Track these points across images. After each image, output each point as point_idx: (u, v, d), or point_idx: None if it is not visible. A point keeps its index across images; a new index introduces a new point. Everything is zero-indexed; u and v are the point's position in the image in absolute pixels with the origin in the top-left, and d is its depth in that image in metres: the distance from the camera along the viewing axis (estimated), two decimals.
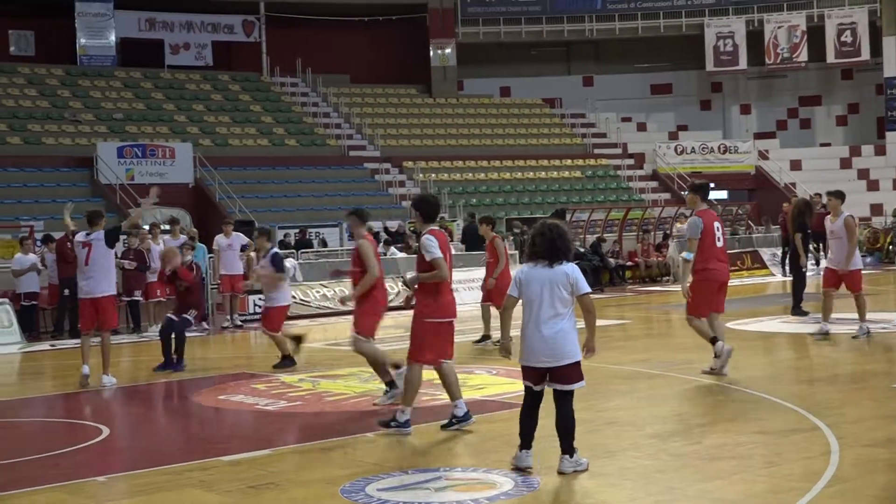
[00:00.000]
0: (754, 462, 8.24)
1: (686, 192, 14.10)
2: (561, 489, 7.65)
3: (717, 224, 12.63)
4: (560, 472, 7.99)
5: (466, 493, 7.59)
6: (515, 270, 8.54)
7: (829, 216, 15.70)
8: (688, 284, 12.61)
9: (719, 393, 11.51)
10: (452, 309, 10.03)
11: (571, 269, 8.08)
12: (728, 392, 11.52)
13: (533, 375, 8.18)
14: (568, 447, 8.06)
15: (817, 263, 30.74)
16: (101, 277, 13.87)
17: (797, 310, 18.76)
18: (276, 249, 16.00)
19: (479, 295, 25.00)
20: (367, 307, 11.69)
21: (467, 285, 26.09)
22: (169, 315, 15.88)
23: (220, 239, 22.02)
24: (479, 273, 24.93)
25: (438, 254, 9.68)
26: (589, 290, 8.20)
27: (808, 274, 19.29)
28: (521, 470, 8.11)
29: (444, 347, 9.98)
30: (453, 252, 11.07)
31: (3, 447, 10.33)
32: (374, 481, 7.99)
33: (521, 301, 8.23)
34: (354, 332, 11.62)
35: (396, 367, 11.32)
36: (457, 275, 26.67)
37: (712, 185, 41.62)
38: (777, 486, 7.47)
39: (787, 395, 11.02)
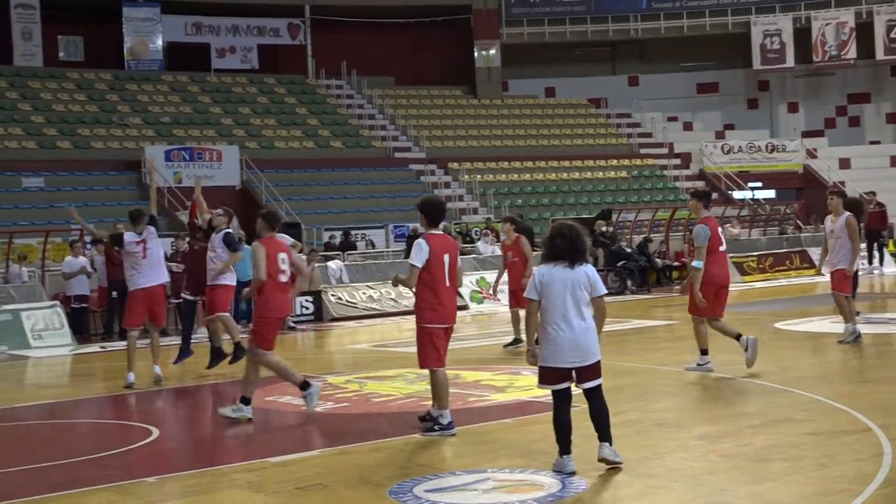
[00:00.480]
0: (805, 464, 8.16)
1: (689, 199, 14.50)
2: (608, 491, 7.62)
3: (720, 230, 13.17)
4: (601, 459, 8.11)
5: (514, 494, 7.57)
6: (534, 272, 8.40)
7: (830, 215, 15.38)
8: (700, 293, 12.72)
9: (768, 394, 11.42)
10: (447, 315, 9.99)
11: (591, 270, 8.24)
12: (777, 393, 11.43)
13: (556, 376, 8.24)
14: (606, 435, 8.21)
15: (870, 262, 30.50)
16: (159, 269, 14.13)
17: None
18: (229, 230, 14.58)
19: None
20: (259, 318, 11.17)
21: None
22: (185, 296, 15.60)
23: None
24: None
25: (416, 263, 9.72)
26: (605, 291, 8.46)
27: (860, 273, 18.99)
28: (564, 474, 8.09)
29: (438, 354, 9.98)
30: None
31: (56, 448, 10.45)
32: (422, 482, 7.98)
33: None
34: (251, 346, 11.24)
35: (303, 386, 11.12)
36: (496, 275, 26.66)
37: (759, 183, 41.63)
38: (828, 488, 7.40)
39: (837, 395, 10.91)
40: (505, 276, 17.04)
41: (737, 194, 40.02)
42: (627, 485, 7.77)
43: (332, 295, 24.12)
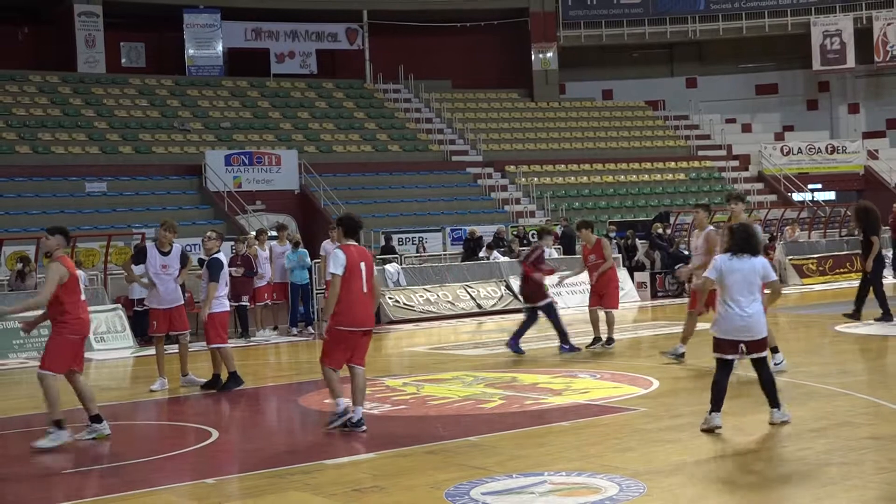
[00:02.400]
0: (866, 468, 8.07)
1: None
2: (667, 494, 7.55)
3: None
4: (771, 423, 9.66)
5: (570, 497, 7.53)
6: (716, 258, 9.91)
7: (695, 230, 14.79)
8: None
9: (828, 397, 11.29)
10: (360, 320, 10.54)
11: (764, 261, 9.83)
12: (838, 397, 11.29)
13: (727, 347, 9.71)
14: (774, 401, 9.79)
15: None
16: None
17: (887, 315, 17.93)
18: (216, 255, 14.06)
19: (582, 298, 24.92)
20: (56, 338, 10.65)
21: (570, 289, 25.98)
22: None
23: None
24: (581, 277, 24.78)
25: (336, 272, 10.31)
26: (776, 277, 10.12)
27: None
28: (711, 430, 9.55)
29: (339, 356, 10.57)
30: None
31: (118, 449, 10.55)
32: (479, 485, 7.97)
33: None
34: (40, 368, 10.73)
35: (57, 425, 10.46)
36: (557, 278, 26.62)
37: (819, 185, 41.15)
38: (889, 493, 7.30)
39: None
40: (583, 276, 17.88)
41: (796, 196, 39.65)
42: (685, 488, 7.71)
43: (390, 298, 24.17)
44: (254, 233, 24.16)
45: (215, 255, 13.92)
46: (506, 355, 16.46)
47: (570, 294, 26.03)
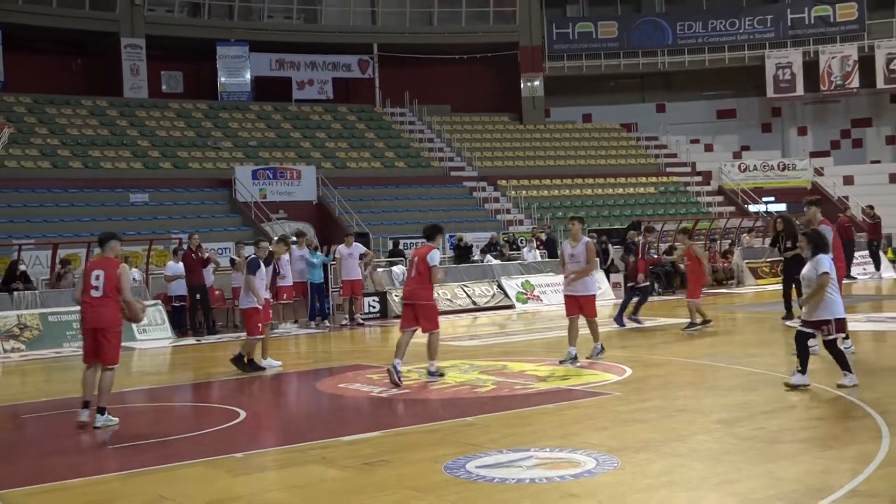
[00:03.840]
0: (812, 445, 8.09)
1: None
2: (637, 468, 7.57)
3: None
4: (839, 386, 10.43)
5: (554, 470, 7.55)
6: (824, 258, 10.59)
7: (570, 241, 13.86)
8: None
9: (779, 384, 11.30)
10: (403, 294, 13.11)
11: (824, 259, 10.56)
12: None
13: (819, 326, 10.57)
14: (845, 365, 10.64)
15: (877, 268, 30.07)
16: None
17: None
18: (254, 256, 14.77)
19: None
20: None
21: (554, 288, 25.98)
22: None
23: (342, 249, 22.27)
24: (558, 279, 24.58)
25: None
26: (826, 270, 10.52)
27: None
28: (795, 387, 10.51)
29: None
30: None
31: (157, 427, 10.58)
32: (474, 459, 7.99)
33: None
34: None
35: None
36: (542, 279, 26.71)
37: (772, 198, 41.03)
38: (832, 468, 7.32)
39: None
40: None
41: (752, 208, 39.63)
42: (654, 463, 7.73)
43: (396, 295, 24.18)
44: (278, 238, 24.16)
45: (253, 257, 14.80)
46: (498, 346, 16.48)
47: (554, 293, 26.05)
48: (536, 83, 44.82)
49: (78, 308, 11.11)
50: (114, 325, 10.49)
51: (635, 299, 19.02)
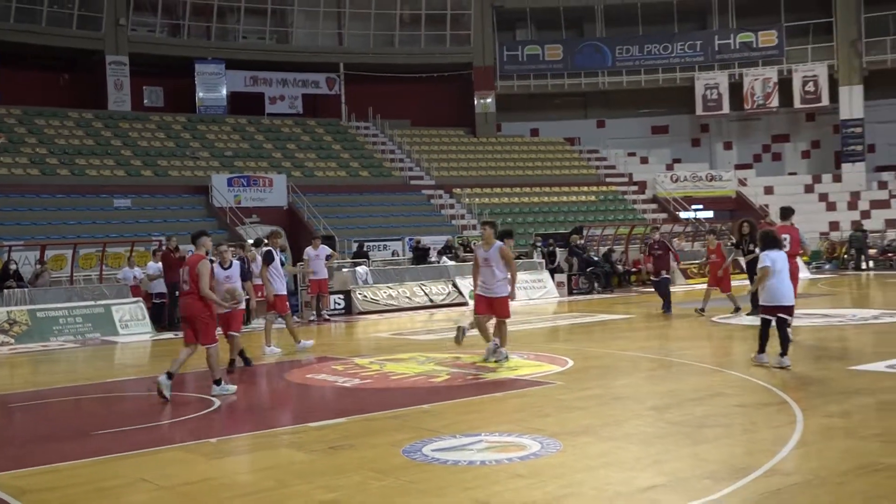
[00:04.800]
0: (734, 429, 8.17)
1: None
2: (578, 450, 7.61)
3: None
4: (780, 367, 11.12)
5: (503, 453, 7.57)
6: (765, 254, 11.33)
7: (481, 243, 13.15)
8: None
9: (706, 374, 11.42)
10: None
11: (783, 254, 11.36)
12: (713, 373, 11.43)
13: (772, 311, 11.33)
14: (784, 351, 11.30)
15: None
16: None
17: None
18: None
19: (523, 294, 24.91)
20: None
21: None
22: None
23: (309, 250, 22.16)
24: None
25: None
26: (762, 265, 11.35)
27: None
28: (762, 365, 11.29)
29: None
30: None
31: (137, 415, 10.47)
32: (429, 443, 7.99)
33: None
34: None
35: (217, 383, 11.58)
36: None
37: (700, 206, 41.53)
38: (753, 449, 7.40)
39: (761, 375, 10.91)
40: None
41: (683, 214, 40.02)
42: (592, 446, 7.77)
43: (359, 293, 24.16)
44: (251, 241, 24.02)
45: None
46: (452, 340, 16.47)
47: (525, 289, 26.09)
48: (489, 100, 44.94)
49: (64, 304, 11.05)
50: (201, 314, 11.26)
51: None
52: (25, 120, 35.77)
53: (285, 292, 15.72)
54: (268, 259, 15.34)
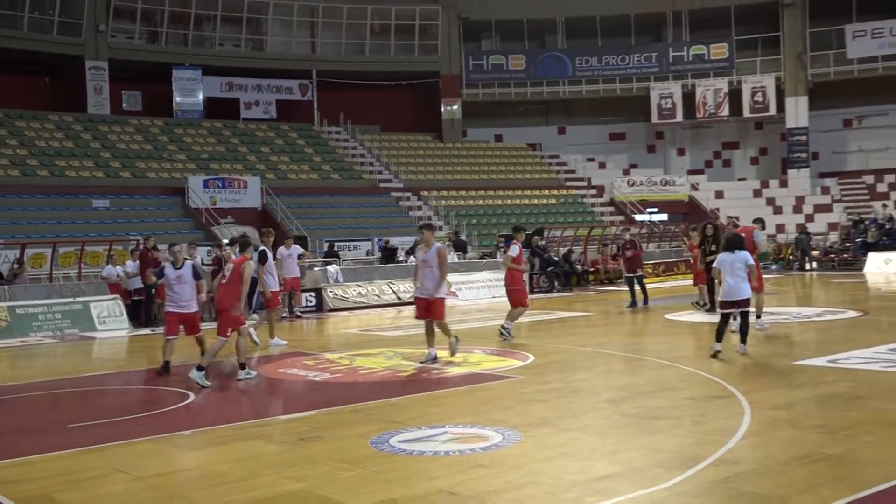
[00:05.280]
0: (685, 421, 8.21)
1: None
2: (538, 441, 7.62)
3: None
4: (740, 352, 11.83)
5: (465, 444, 7.57)
6: (719, 256, 12.08)
7: (422, 247, 12.73)
8: None
9: (659, 368, 11.48)
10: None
11: (745, 254, 11.90)
12: (666, 367, 11.49)
13: (726, 306, 11.95)
14: (743, 339, 12.00)
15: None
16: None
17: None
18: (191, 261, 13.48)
19: (477, 293, 25.00)
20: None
21: (468, 286, 26.06)
22: None
23: (282, 250, 22.00)
24: (477, 276, 24.75)
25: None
26: (752, 262, 12.09)
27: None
28: (714, 355, 11.64)
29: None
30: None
31: (113, 408, 10.36)
32: (396, 435, 7.97)
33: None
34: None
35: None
36: (458, 277, 26.68)
37: (655, 209, 41.86)
38: (703, 439, 7.44)
39: (710, 370, 10.99)
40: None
41: (638, 217, 40.27)
42: (551, 437, 7.78)
43: (330, 291, 24.07)
44: (227, 240, 23.85)
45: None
46: (418, 336, 16.44)
47: (468, 289, 26.15)
48: (455, 107, 44.95)
49: (43, 301, 10.90)
50: (232, 307, 11.91)
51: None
52: (6, 122, 35.26)
53: (278, 289, 16.08)
54: (262, 258, 15.44)
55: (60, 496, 6.53)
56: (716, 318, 17.11)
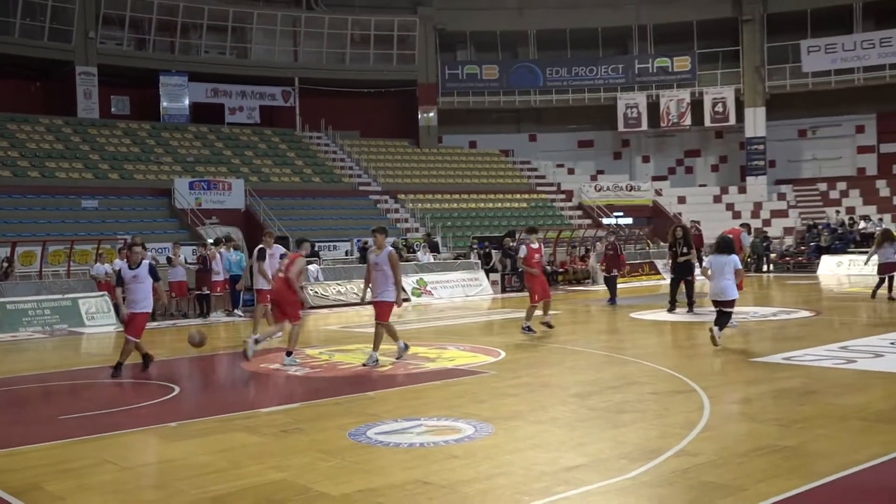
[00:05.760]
0: (649, 415, 8.27)
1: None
2: (508, 434, 7.64)
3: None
4: (714, 335, 12.50)
5: (439, 436, 7.58)
6: (707, 258, 13.37)
7: (374, 250, 12.35)
8: None
9: (624, 364, 11.55)
10: None
11: (734, 257, 12.79)
12: (630, 363, 11.56)
13: (714, 304, 12.88)
14: (721, 327, 12.69)
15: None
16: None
17: (691, 305, 18.45)
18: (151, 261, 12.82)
19: (451, 292, 24.98)
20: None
21: (443, 284, 26.06)
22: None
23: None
24: (452, 276, 24.74)
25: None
26: (741, 267, 13.16)
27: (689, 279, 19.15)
28: (713, 337, 12.43)
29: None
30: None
31: (102, 401, 10.27)
32: (373, 427, 7.97)
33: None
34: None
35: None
36: (433, 276, 26.66)
37: (621, 213, 41.96)
38: (665, 432, 7.50)
39: (673, 366, 11.07)
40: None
41: (605, 220, 40.44)
42: (522, 429, 7.81)
43: (311, 290, 23.98)
44: (211, 241, 23.78)
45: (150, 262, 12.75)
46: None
47: (443, 288, 26.16)
48: (431, 114, 44.94)
49: (33, 297, 10.77)
50: (290, 297, 12.63)
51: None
52: None
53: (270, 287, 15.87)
54: (261, 256, 15.95)
55: (49, 485, 6.47)
56: (683, 318, 17.30)
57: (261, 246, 16.13)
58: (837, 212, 39.96)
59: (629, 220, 41.06)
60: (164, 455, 7.38)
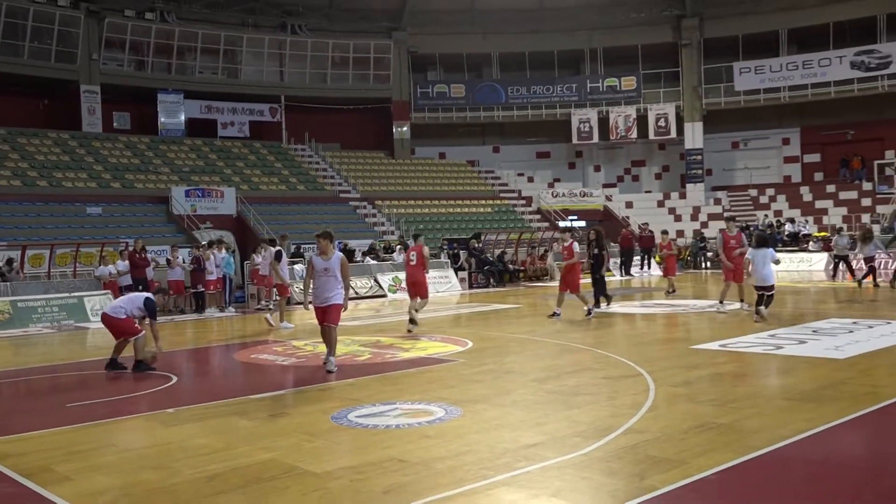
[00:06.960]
0: (601, 397, 8.32)
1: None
2: (476, 416, 7.66)
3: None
4: (764, 315, 13.85)
5: (413, 418, 7.58)
6: (750, 250, 14.23)
7: (322, 256, 10.92)
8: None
9: (578, 352, 11.61)
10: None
11: (771, 250, 13.85)
12: (585, 351, 11.62)
13: (757, 289, 13.89)
14: (763, 305, 13.78)
15: (641, 268, 31.21)
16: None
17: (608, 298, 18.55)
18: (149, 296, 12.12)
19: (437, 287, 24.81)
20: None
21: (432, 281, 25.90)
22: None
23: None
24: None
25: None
26: (777, 257, 14.31)
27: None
28: (761, 316, 13.79)
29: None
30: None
31: (105, 390, 10.16)
32: (354, 411, 7.95)
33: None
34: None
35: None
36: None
37: (574, 217, 42.02)
38: (615, 413, 7.55)
39: (621, 352, 11.15)
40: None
41: (561, 223, 40.59)
42: (487, 411, 7.83)
43: (297, 287, 23.86)
44: (206, 243, 23.58)
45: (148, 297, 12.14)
46: (373, 325, 16.38)
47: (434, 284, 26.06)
48: (405, 129, 44.89)
49: (42, 296, 10.60)
50: (424, 280, 14.67)
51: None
52: (9, 139, 34.31)
53: (287, 284, 17.46)
54: (278, 257, 17.04)
55: (59, 467, 6.39)
56: (628, 309, 17.42)
57: (278, 248, 17.05)
58: (766, 215, 40.46)
59: (582, 223, 41.27)
60: (163, 438, 7.31)
